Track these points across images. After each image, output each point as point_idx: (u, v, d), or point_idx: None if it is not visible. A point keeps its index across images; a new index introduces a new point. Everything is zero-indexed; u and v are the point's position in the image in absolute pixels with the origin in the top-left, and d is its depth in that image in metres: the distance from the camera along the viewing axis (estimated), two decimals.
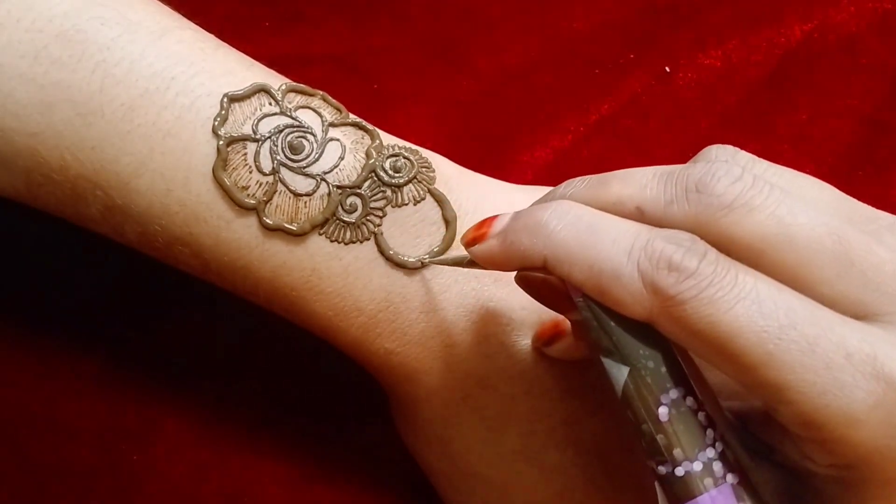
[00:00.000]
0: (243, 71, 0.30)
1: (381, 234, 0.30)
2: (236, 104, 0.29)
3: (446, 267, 0.30)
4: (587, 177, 0.26)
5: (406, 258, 0.30)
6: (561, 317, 0.30)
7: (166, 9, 0.30)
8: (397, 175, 0.30)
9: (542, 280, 0.27)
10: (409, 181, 0.30)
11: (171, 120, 0.28)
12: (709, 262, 0.22)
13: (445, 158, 0.33)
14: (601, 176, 0.25)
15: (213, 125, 0.28)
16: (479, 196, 0.31)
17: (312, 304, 0.30)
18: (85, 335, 0.36)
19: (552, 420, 0.31)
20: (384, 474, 0.36)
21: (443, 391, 0.31)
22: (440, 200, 0.30)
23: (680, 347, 0.24)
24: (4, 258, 0.36)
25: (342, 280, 0.29)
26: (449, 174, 0.32)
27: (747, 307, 0.21)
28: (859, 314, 0.22)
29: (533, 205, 0.26)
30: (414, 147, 0.31)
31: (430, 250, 0.30)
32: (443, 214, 0.30)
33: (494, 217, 0.26)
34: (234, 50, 0.31)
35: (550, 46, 0.41)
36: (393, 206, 0.30)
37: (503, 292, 0.30)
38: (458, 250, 0.30)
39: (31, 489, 0.35)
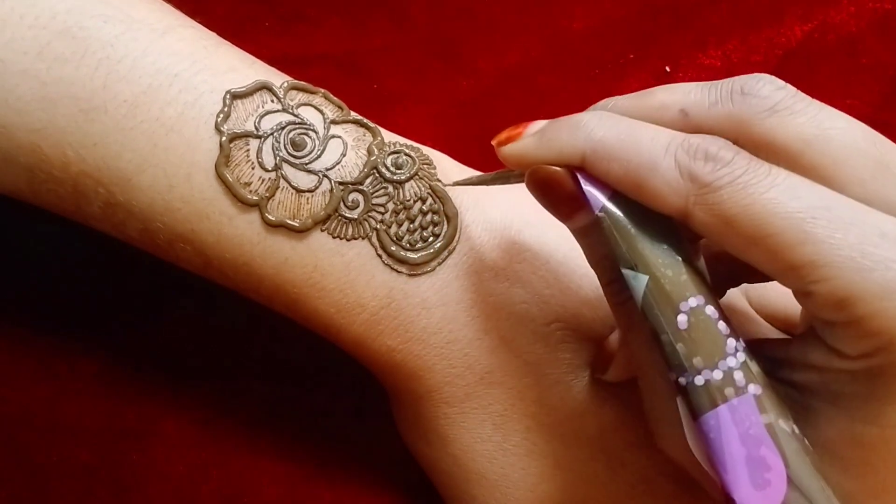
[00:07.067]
0: (245, 68, 0.30)
1: (384, 230, 0.30)
2: (239, 101, 0.29)
3: (446, 262, 0.30)
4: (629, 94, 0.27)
5: (408, 254, 0.30)
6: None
7: (168, 7, 0.30)
8: (399, 171, 0.30)
9: (553, 182, 0.26)
10: (411, 178, 0.30)
11: (173, 116, 0.28)
12: (743, 156, 0.23)
13: (446, 156, 0.33)
14: (644, 91, 0.26)
15: (216, 121, 0.28)
16: (481, 192, 0.31)
17: (314, 301, 0.29)
18: (85, 335, 0.36)
19: (557, 414, 0.30)
20: (384, 474, 0.36)
21: (445, 388, 0.31)
22: (441, 197, 0.30)
23: (702, 267, 0.25)
24: (4, 258, 0.36)
25: (344, 276, 0.29)
26: (450, 171, 0.32)
27: (782, 191, 0.22)
28: (892, 214, 0.23)
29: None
30: (415, 144, 0.31)
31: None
32: (444, 210, 0.30)
33: (529, 122, 0.27)
34: (235, 48, 0.31)
35: (550, 46, 0.41)
36: (395, 203, 0.30)
37: (502, 286, 0.30)
38: (460, 247, 0.30)
39: (31, 489, 0.35)
